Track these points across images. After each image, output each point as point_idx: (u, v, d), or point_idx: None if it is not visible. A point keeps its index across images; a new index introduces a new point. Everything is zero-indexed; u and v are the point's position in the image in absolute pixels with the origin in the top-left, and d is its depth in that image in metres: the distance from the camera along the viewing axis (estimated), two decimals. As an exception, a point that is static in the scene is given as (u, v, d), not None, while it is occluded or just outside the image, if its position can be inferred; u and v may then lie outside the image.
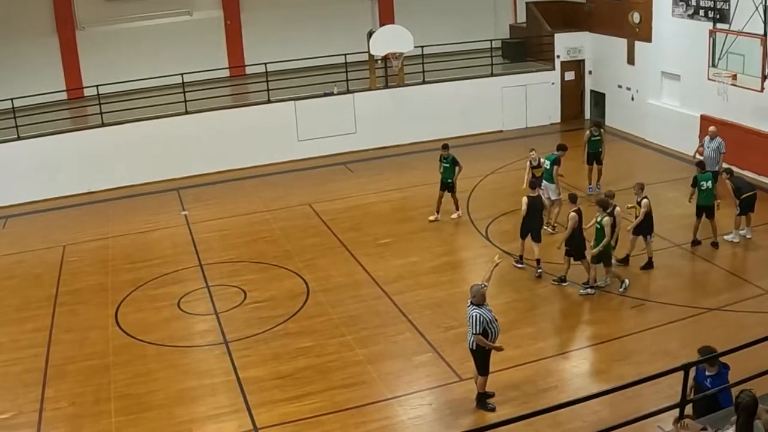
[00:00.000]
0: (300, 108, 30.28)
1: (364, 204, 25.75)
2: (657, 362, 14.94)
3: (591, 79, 34.19)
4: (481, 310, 13.89)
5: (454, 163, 23.09)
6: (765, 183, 24.43)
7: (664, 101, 30.01)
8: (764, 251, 20.74)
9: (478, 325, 13.81)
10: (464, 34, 35.08)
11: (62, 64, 32.03)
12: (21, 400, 15.60)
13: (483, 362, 14.27)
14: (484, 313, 13.87)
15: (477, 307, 13.90)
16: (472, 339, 14.00)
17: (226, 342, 17.39)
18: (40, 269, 22.14)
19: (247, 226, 24.35)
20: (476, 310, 13.87)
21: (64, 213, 26.45)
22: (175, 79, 29.65)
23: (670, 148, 29.10)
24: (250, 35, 34.42)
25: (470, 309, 13.98)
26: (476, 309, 13.88)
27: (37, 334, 18.31)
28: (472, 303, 13.99)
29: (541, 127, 33.27)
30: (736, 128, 25.69)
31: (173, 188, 28.16)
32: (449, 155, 23.17)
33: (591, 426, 12.91)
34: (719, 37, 25.31)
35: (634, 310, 17.93)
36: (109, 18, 32.35)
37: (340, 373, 15.96)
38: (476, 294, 13.96)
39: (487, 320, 13.86)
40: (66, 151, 27.55)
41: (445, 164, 23.17)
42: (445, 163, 23.19)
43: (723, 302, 17.95)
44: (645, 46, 30.36)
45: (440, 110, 31.84)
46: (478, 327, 13.82)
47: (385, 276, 20.33)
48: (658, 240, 21.09)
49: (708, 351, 11.36)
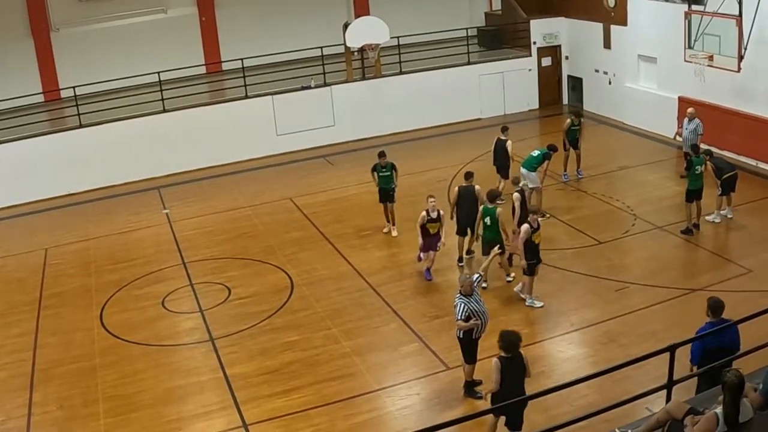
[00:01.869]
0: (278, 102, 30.22)
1: (345, 196, 25.74)
2: (643, 344, 15.05)
3: (568, 65, 34.25)
4: (467, 299, 13.92)
5: (394, 169, 22.16)
6: (745, 163, 24.56)
7: (642, 84, 30.11)
8: (746, 231, 20.86)
9: (462, 313, 13.84)
10: (440, 24, 35.06)
11: (38, 66, 31.81)
12: (9, 405, 15.53)
13: (470, 351, 14.30)
14: (469, 303, 13.90)
15: (464, 297, 13.93)
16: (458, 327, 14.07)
17: (212, 339, 17.37)
18: (23, 273, 22.03)
19: (229, 223, 24.31)
20: (462, 299, 13.91)
21: (44, 216, 26.31)
22: (152, 78, 29.56)
23: (649, 130, 29.21)
24: (226, 31, 34.28)
25: (456, 298, 14.03)
26: (462, 298, 13.92)
27: (22, 338, 18.23)
28: (459, 293, 14.03)
29: (520, 113, 33.33)
30: (714, 109, 25.81)
31: (154, 187, 28.05)
32: (388, 162, 22.11)
33: (579, 410, 12.94)
34: (695, 18, 25.36)
35: (619, 293, 17.98)
36: (83, 18, 32.14)
37: (327, 366, 15.96)
38: (464, 284, 14.01)
39: (473, 310, 13.88)
40: (44, 153, 27.36)
41: (385, 173, 21.99)
42: (384, 171, 22.00)
43: (706, 282, 18.03)
44: (621, 30, 30.43)
45: (418, 100, 31.86)
46: (461, 314, 13.85)
47: (369, 267, 20.34)
48: (639, 222, 21.23)
49: (716, 302, 11.96)
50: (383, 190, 22.14)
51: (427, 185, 24.53)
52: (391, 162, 22.15)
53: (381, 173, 22.00)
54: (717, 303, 12.00)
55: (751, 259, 18.97)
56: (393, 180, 22.08)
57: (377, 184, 22.17)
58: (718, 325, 11.69)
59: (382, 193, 22.26)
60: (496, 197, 18.72)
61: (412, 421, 13.79)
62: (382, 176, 21.99)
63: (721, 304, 11.99)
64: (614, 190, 24.24)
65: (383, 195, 22.25)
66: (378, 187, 22.24)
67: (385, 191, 22.15)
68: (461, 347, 14.36)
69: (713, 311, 11.95)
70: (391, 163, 22.16)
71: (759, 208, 22.13)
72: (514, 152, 23.00)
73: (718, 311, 11.94)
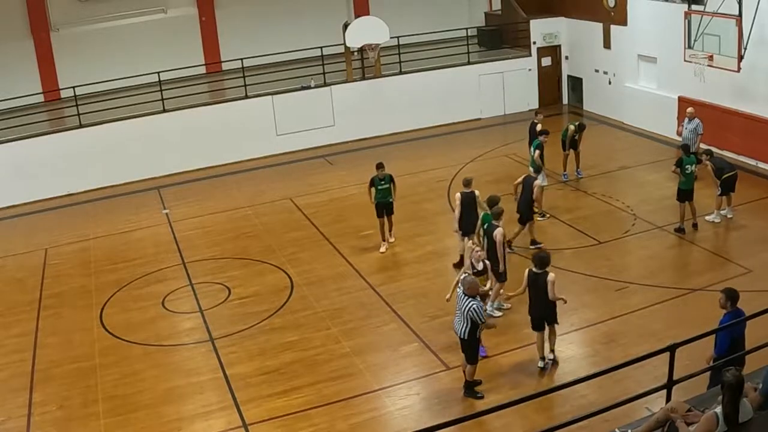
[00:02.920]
0: (278, 102, 30.22)
1: (345, 196, 25.72)
2: (643, 344, 15.03)
3: (568, 65, 34.26)
4: (477, 301, 13.90)
5: (392, 182, 21.14)
6: (745, 163, 24.57)
7: (642, 84, 30.12)
8: (745, 231, 20.86)
9: (482, 315, 13.84)
10: (440, 24, 35.14)
11: (38, 66, 31.81)
12: (9, 405, 15.53)
13: (473, 351, 14.28)
14: (480, 304, 13.96)
15: (473, 299, 13.86)
16: (466, 328, 13.94)
17: (212, 339, 17.36)
18: (23, 273, 22.03)
19: (229, 223, 24.30)
20: (473, 301, 13.83)
21: (44, 216, 26.31)
22: (152, 78, 29.57)
23: (649, 130, 29.22)
24: (226, 31, 34.29)
25: (466, 300, 13.88)
26: (472, 300, 13.84)
27: (22, 338, 18.23)
28: (465, 294, 13.93)
29: (520, 113, 33.29)
30: (714, 109, 25.82)
31: (153, 187, 28.05)
32: (386, 174, 21.04)
33: (579, 409, 12.94)
34: (694, 18, 25.36)
35: (619, 293, 17.99)
36: (83, 19, 32.14)
37: (327, 366, 15.96)
38: (470, 285, 13.96)
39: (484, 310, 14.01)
40: (44, 153, 27.37)
41: (383, 185, 20.98)
42: (382, 184, 20.97)
43: (706, 282, 18.03)
44: (621, 29, 30.44)
45: (418, 100, 31.88)
46: (482, 316, 13.86)
47: (369, 267, 20.35)
48: (639, 222, 21.24)
49: (732, 292, 12.11)
50: (381, 204, 21.14)
51: (427, 185, 24.55)
52: (389, 174, 21.16)
53: (379, 186, 20.93)
54: (733, 293, 12.12)
55: (751, 259, 18.97)
56: (391, 193, 21.17)
57: (374, 199, 21.11)
58: (737, 315, 11.88)
59: (379, 208, 21.20)
60: (494, 204, 18.41)
61: (412, 421, 13.79)
62: (380, 189, 20.95)
63: (737, 293, 12.12)
64: (614, 190, 24.23)
65: (381, 209, 21.22)
66: (375, 202, 21.20)
67: (382, 205, 21.16)
68: (464, 348, 14.31)
69: (731, 301, 12.08)
70: (389, 174, 21.16)
71: (759, 208, 22.13)
72: (512, 152, 22.81)
73: (736, 301, 12.09)
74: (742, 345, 11.76)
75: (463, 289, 14.04)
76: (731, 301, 12.06)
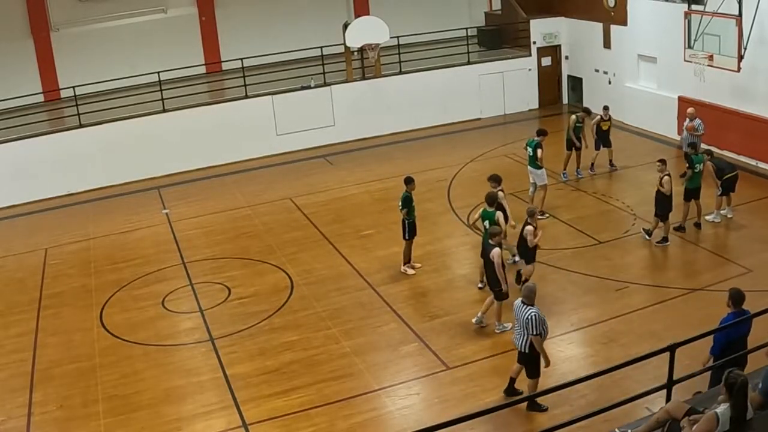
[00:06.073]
0: (278, 102, 30.21)
1: (345, 196, 25.72)
2: (643, 344, 15.01)
3: (568, 64, 34.25)
4: (536, 309, 13.30)
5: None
6: (745, 163, 24.56)
7: (642, 84, 30.11)
8: (746, 230, 20.85)
9: (539, 325, 13.14)
10: (440, 23, 35.06)
11: (38, 66, 31.79)
12: (9, 405, 15.52)
13: (535, 366, 13.59)
14: (540, 313, 13.30)
15: (531, 307, 13.30)
16: (527, 341, 13.36)
17: (212, 339, 17.36)
18: (23, 273, 22.02)
19: (229, 223, 24.29)
20: (532, 309, 13.25)
21: (44, 216, 26.29)
22: (152, 78, 29.56)
23: (649, 130, 29.21)
24: (226, 31, 34.27)
25: (525, 309, 13.32)
26: (532, 309, 13.26)
27: (22, 338, 18.22)
28: (524, 302, 13.41)
29: (520, 113, 33.32)
30: (714, 108, 25.81)
31: (153, 187, 28.03)
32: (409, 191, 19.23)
33: (579, 409, 12.95)
34: (694, 18, 25.35)
35: (619, 293, 17.98)
36: (83, 19, 32.12)
37: (327, 366, 15.96)
38: (530, 292, 13.41)
39: (542, 320, 13.27)
40: (44, 153, 27.34)
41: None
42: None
43: (706, 282, 18.05)
44: (621, 29, 30.42)
45: (418, 100, 31.86)
46: (539, 327, 13.16)
47: (369, 267, 20.33)
48: (639, 222, 21.24)
49: (738, 293, 12.14)
50: (414, 223, 19.62)
51: (427, 185, 24.52)
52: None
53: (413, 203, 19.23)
54: (739, 294, 12.14)
55: (751, 259, 18.97)
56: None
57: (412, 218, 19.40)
58: (741, 316, 11.87)
59: (413, 228, 19.57)
60: (493, 201, 18.30)
61: (412, 421, 13.78)
62: (414, 207, 19.38)
63: (742, 294, 12.14)
64: (614, 190, 24.25)
65: (411, 230, 19.58)
66: (410, 221, 19.45)
67: (411, 225, 19.55)
68: (525, 362, 13.70)
69: (735, 302, 12.10)
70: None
71: (759, 208, 22.13)
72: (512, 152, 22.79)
73: (739, 302, 12.10)
74: (742, 346, 11.74)
75: (521, 298, 13.53)
76: (734, 302, 12.07)
